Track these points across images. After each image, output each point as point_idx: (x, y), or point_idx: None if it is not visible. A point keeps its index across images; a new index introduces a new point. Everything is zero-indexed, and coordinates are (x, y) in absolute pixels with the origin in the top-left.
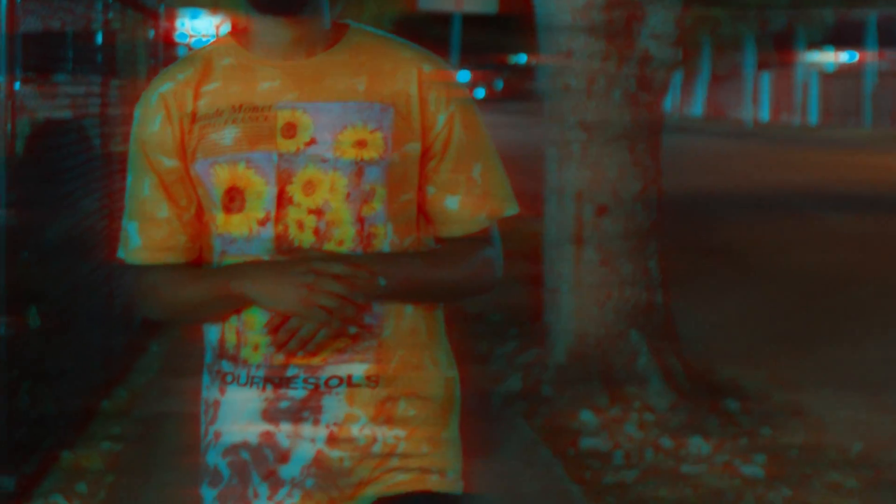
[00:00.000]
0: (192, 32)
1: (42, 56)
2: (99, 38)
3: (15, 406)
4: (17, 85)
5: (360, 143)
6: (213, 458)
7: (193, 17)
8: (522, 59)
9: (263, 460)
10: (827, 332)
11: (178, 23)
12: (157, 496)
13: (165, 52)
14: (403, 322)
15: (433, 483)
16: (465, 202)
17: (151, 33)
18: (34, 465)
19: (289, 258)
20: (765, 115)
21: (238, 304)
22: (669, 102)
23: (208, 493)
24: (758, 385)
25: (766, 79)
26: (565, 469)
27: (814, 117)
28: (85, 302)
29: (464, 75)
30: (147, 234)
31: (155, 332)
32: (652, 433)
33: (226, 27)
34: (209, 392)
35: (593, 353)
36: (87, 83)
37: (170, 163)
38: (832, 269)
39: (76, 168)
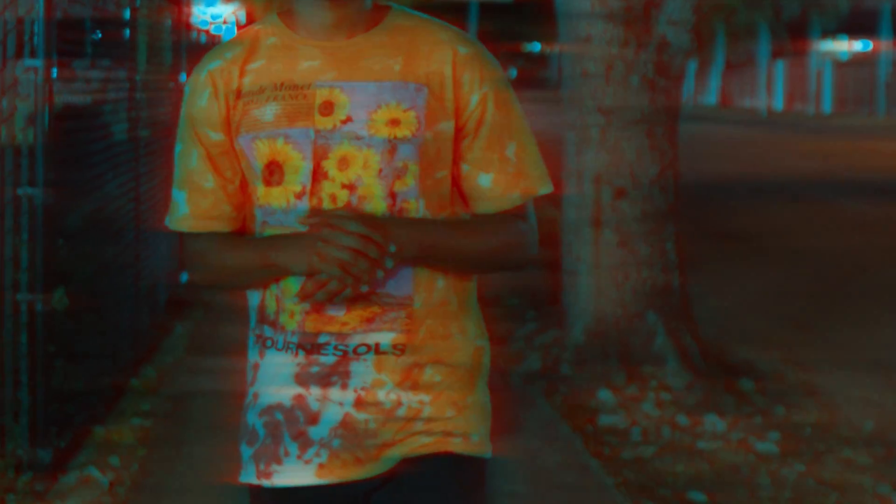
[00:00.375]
0: (212, 20)
1: (74, 42)
2: (127, 25)
3: (50, 382)
4: (55, 72)
5: (394, 122)
6: (252, 418)
7: (211, 4)
8: (536, 47)
9: (295, 421)
10: (840, 314)
11: (198, 10)
12: (189, 469)
13: (187, 39)
14: (434, 294)
15: (455, 445)
16: (497, 179)
17: (173, 20)
18: (68, 440)
19: (314, 221)
20: (779, 103)
21: (273, 273)
22: (684, 90)
23: (246, 451)
24: (772, 365)
25: (781, 67)
26: (584, 445)
27: (828, 106)
28: (113, 283)
29: None
30: (193, 202)
31: (179, 313)
32: (668, 411)
33: (241, 14)
34: (251, 355)
35: (611, 334)
36: (116, 69)
37: (216, 136)
38: (845, 253)
39: (105, 151)
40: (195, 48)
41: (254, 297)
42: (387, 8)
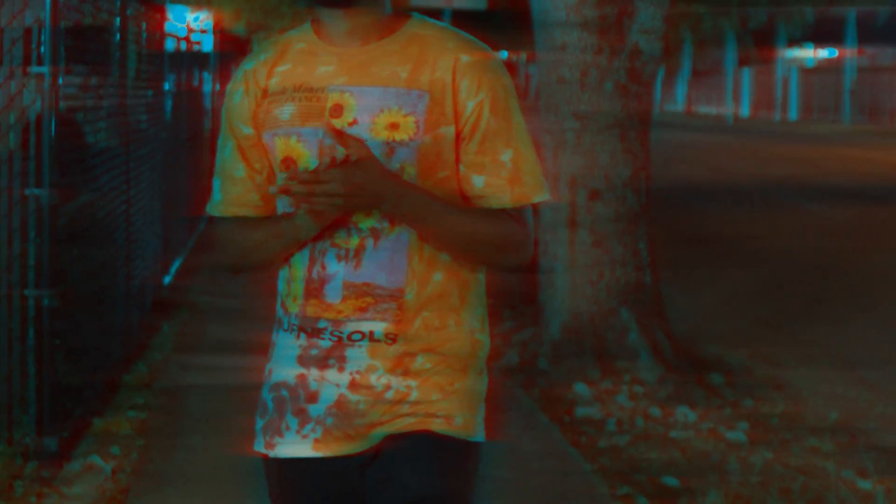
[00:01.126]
0: (191, 27)
1: (75, 50)
2: (118, 33)
3: (54, 375)
4: (61, 79)
5: (393, 126)
6: (265, 393)
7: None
8: (504, 55)
9: (297, 398)
10: (806, 314)
11: (176, 18)
12: (185, 458)
13: (169, 47)
14: (429, 287)
15: (436, 425)
16: (488, 182)
17: (157, 29)
18: (70, 430)
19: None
20: (745, 110)
21: (283, 240)
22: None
23: (258, 423)
24: (741, 361)
25: (747, 75)
26: (562, 434)
27: (794, 113)
28: (107, 282)
29: None
30: (226, 190)
31: (165, 314)
32: (642, 403)
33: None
34: (272, 335)
35: (586, 330)
36: (110, 76)
37: (247, 130)
38: (812, 255)
39: (99, 155)
40: (177, 56)
41: (277, 282)
42: (407, 17)
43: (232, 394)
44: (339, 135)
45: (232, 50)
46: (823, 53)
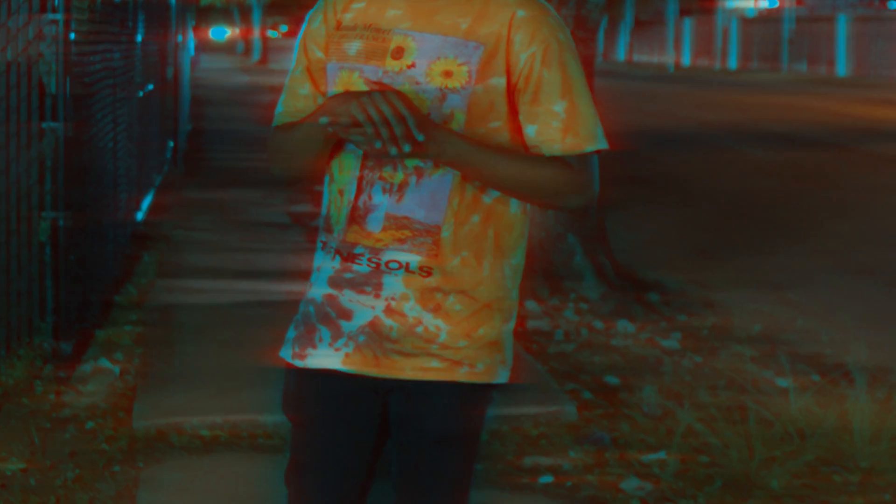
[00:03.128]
0: None
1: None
2: None
3: (68, 287)
4: (73, 36)
5: (447, 73)
6: (302, 306)
7: None
8: None
9: (328, 315)
10: (739, 245)
11: None
12: (181, 362)
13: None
14: (466, 227)
15: (461, 375)
16: (541, 130)
17: None
18: (79, 338)
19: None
20: (686, 59)
21: (322, 131)
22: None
23: (290, 333)
24: (677, 284)
25: (688, 24)
26: (516, 340)
27: (733, 62)
28: (102, 210)
29: None
30: (289, 103)
31: (143, 246)
32: (586, 317)
33: None
34: (315, 258)
35: (536, 253)
36: (118, 28)
37: (319, 54)
38: (745, 194)
39: (97, 95)
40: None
41: (323, 209)
42: None
43: (216, 310)
44: (384, 88)
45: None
46: (763, 3)
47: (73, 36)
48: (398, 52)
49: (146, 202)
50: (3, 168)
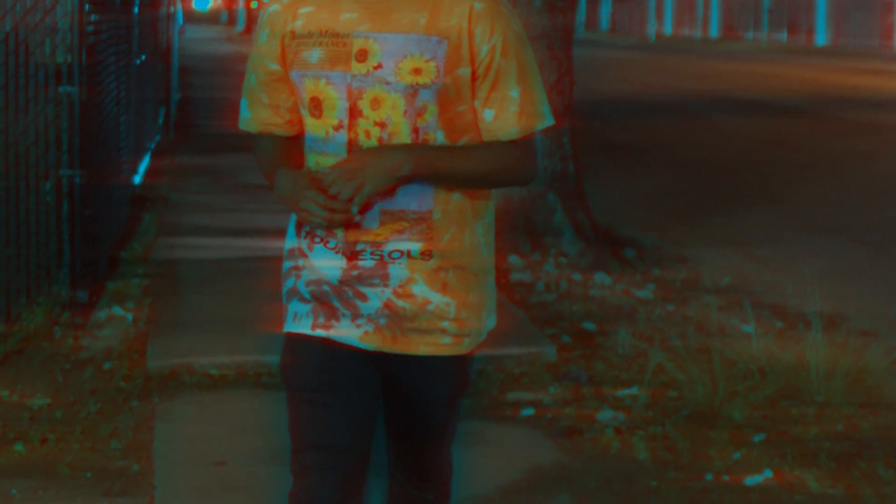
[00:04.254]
0: None
1: None
2: None
3: (84, 239)
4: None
5: (416, 71)
6: (300, 286)
7: None
8: None
9: (344, 294)
10: (713, 207)
11: None
12: (190, 310)
13: None
14: (451, 206)
15: (465, 347)
16: (498, 115)
17: None
18: (92, 288)
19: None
20: (668, 29)
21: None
22: (578, 18)
23: (298, 307)
24: (652, 241)
25: None
26: (500, 292)
27: (714, 30)
28: (109, 170)
29: None
30: (254, 111)
31: (143, 207)
32: (565, 271)
33: None
34: (296, 240)
35: (518, 211)
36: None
37: (273, 66)
38: (721, 159)
39: (106, 62)
40: None
41: None
42: None
43: (217, 264)
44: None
45: None
46: None
47: (87, 7)
48: (362, 55)
49: (143, 166)
50: (22, 130)
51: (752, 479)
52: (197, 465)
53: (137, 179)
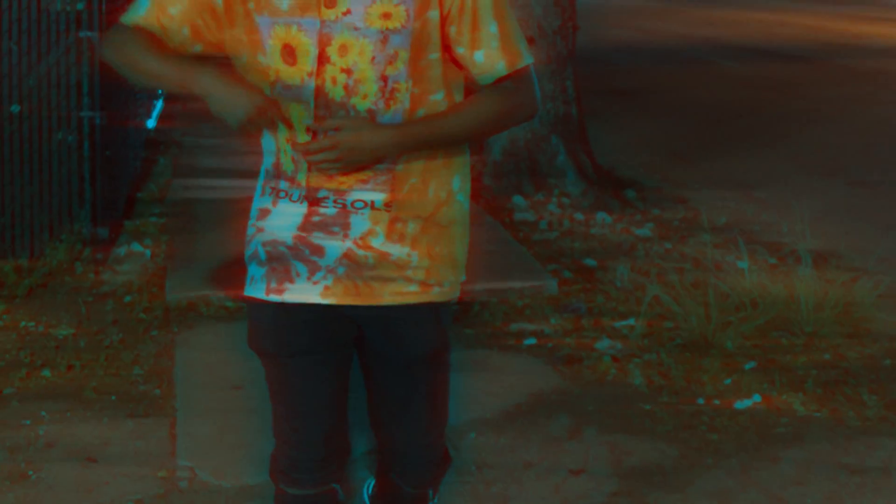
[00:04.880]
0: None
1: None
2: None
3: (104, 178)
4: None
5: (386, 15)
6: (256, 245)
7: None
8: None
9: (300, 252)
10: (713, 150)
11: None
12: (206, 247)
13: None
14: (415, 158)
15: (433, 295)
16: (488, 55)
17: None
18: (112, 225)
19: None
20: None
21: (183, 92)
22: None
23: (256, 270)
24: (652, 182)
25: None
26: (505, 229)
27: None
28: (125, 113)
29: None
30: (153, 12)
31: (157, 150)
32: (568, 210)
33: None
34: (261, 202)
35: (522, 153)
36: None
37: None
38: (723, 104)
39: None
40: None
41: (269, 158)
42: None
43: (231, 203)
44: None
45: None
46: None
47: None
48: (331, 1)
49: (156, 111)
50: (44, 73)
51: (741, 403)
52: (215, 389)
53: (151, 123)
